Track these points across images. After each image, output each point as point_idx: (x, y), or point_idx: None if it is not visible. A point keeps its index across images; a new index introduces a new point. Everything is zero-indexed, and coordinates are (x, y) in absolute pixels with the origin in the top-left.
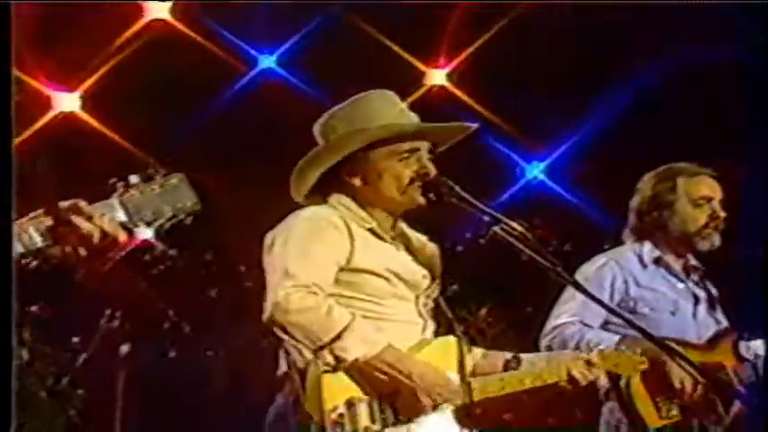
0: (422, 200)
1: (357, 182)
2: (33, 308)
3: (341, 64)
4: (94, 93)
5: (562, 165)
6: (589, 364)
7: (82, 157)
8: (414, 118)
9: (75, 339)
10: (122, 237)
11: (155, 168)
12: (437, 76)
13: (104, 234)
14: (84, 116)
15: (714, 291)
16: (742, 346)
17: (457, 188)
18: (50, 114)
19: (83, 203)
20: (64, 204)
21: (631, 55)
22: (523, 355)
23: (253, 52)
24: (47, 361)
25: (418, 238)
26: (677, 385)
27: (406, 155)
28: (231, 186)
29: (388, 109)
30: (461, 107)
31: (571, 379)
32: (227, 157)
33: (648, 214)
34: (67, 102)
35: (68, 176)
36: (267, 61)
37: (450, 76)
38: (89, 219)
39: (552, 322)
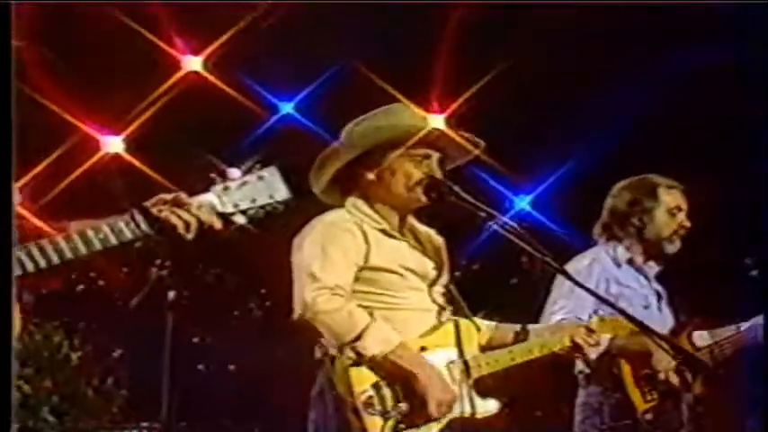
0: (424, 198)
1: (371, 176)
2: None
3: (351, 109)
4: (137, 136)
5: (547, 197)
6: (590, 330)
7: (124, 191)
8: (414, 123)
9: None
10: (217, 225)
11: (252, 162)
12: (436, 121)
13: (201, 223)
14: (128, 157)
15: (668, 288)
16: (696, 335)
17: (456, 188)
18: (98, 155)
19: (183, 195)
20: (167, 197)
21: (607, 98)
22: (530, 326)
23: (273, 100)
24: (93, 363)
25: (426, 231)
26: (662, 372)
27: (418, 158)
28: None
29: (396, 115)
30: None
31: (575, 345)
32: None
33: (627, 218)
34: (113, 144)
35: (110, 207)
36: (287, 108)
37: (447, 121)
38: (188, 210)
39: (549, 318)
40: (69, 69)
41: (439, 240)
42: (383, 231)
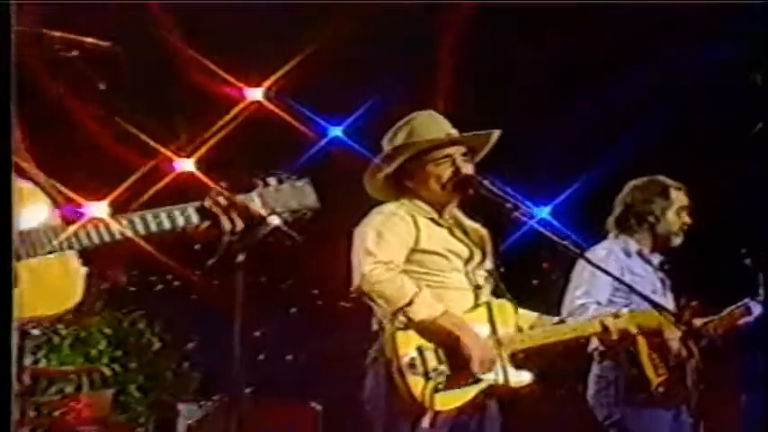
0: (456, 193)
1: (411, 184)
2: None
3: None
4: (207, 158)
5: (565, 208)
6: (616, 317)
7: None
8: (449, 130)
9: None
10: (259, 215)
11: (286, 173)
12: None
13: (244, 218)
14: (200, 176)
15: (670, 276)
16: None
17: (485, 182)
18: (172, 175)
19: (229, 194)
20: (216, 193)
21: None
22: (567, 319)
23: (324, 124)
24: (172, 349)
25: (471, 224)
26: (674, 348)
27: (442, 161)
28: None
29: (430, 123)
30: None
31: (605, 329)
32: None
33: (643, 215)
34: (187, 165)
35: None
36: (335, 131)
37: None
38: (233, 205)
39: (572, 302)
40: (152, 99)
41: (483, 231)
42: (431, 219)
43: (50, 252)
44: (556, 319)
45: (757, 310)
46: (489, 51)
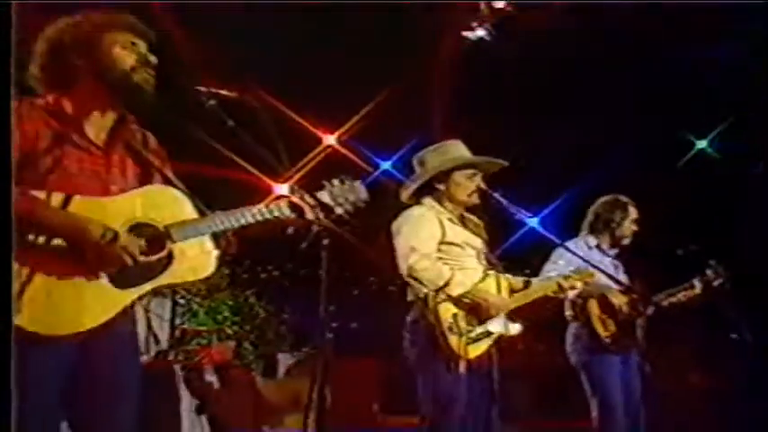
0: (477, 201)
1: (442, 187)
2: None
3: None
4: (299, 183)
5: (553, 218)
6: (566, 278)
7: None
8: (468, 156)
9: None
10: (327, 211)
11: (348, 177)
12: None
13: (320, 210)
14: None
15: (625, 263)
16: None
17: (496, 195)
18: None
19: (308, 192)
20: (301, 192)
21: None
22: (532, 279)
23: (376, 159)
24: (273, 316)
25: (477, 222)
26: (618, 307)
27: (470, 175)
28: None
29: (456, 150)
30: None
31: (560, 287)
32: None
33: (606, 221)
34: (283, 189)
35: None
36: (386, 165)
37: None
38: (313, 199)
39: (543, 275)
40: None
41: (479, 222)
42: (450, 220)
43: (202, 234)
44: (533, 279)
45: (699, 286)
46: (489, 85)
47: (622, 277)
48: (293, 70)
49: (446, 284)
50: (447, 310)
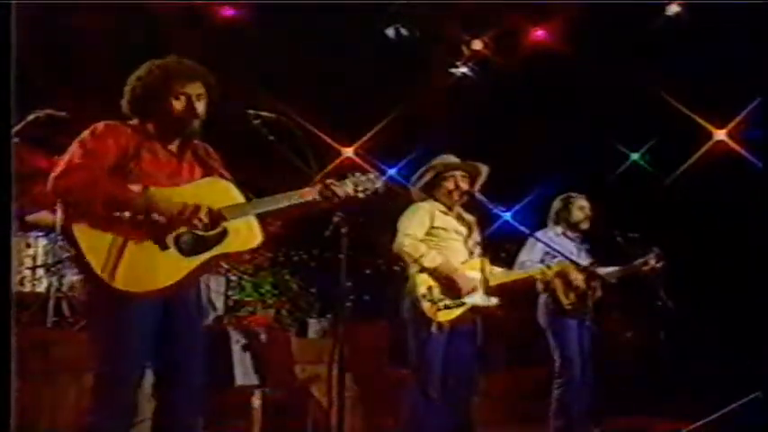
0: (458, 199)
1: (437, 189)
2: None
3: None
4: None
5: (525, 212)
6: (549, 267)
7: None
8: (450, 161)
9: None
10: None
11: (370, 170)
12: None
13: (344, 196)
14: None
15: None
16: (600, 269)
17: (477, 194)
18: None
19: (334, 180)
20: (328, 180)
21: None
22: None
23: (384, 167)
24: (304, 290)
25: (467, 215)
26: (576, 283)
27: (450, 176)
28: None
29: (444, 159)
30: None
31: (543, 274)
32: None
33: (560, 213)
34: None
35: None
36: (392, 172)
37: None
38: (339, 186)
39: (521, 264)
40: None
41: (472, 219)
42: (442, 211)
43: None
44: (512, 270)
45: (653, 262)
46: (472, 107)
47: (583, 258)
48: (321, 97)
49: (420, 257)
50: (424, 282)
